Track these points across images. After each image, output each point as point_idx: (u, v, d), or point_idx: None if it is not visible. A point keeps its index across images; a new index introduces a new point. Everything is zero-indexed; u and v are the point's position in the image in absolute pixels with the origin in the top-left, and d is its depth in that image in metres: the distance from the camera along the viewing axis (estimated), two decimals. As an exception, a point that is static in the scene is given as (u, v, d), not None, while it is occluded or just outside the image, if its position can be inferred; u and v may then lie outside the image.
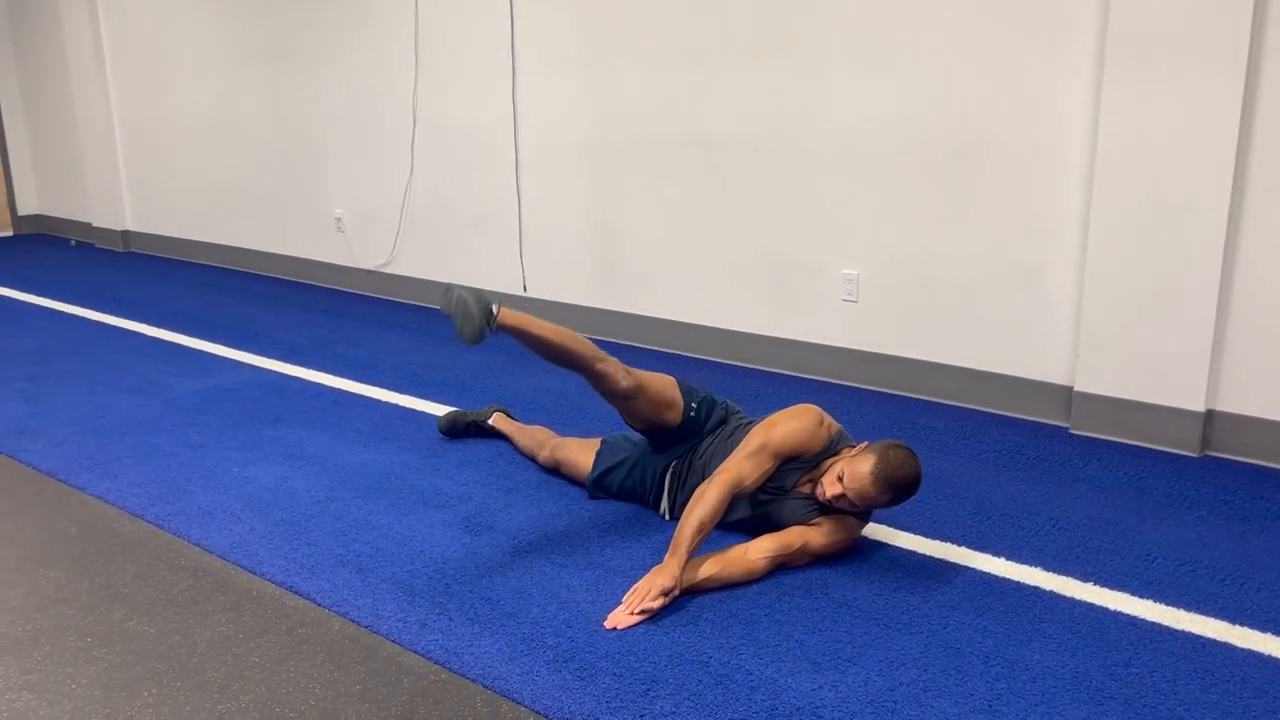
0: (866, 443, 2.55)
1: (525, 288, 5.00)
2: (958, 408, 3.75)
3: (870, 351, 3.95)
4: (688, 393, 2.82)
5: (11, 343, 4.79)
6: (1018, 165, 3.50)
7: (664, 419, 2.79)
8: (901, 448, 2.48)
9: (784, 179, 4.04)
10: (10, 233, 8.07)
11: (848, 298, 3.96)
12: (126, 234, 7.30)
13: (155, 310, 5.43)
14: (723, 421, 2.84)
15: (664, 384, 2.80)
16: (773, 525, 2.63)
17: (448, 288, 2.58)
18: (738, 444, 2.62)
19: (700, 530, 2.41)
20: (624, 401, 2.75)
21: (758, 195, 4.13)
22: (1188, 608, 2.37)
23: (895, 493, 2.46)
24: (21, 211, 8.08)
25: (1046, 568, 2.57)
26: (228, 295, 5.81)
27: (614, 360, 2.74)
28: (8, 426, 3.65)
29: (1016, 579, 2.52)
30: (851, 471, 2.45)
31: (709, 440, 2.79)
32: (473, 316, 2.51)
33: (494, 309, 2.58)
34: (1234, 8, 2.95)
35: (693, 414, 2.80)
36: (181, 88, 6.57)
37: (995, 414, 3.67)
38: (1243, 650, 2.20)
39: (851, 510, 2.53)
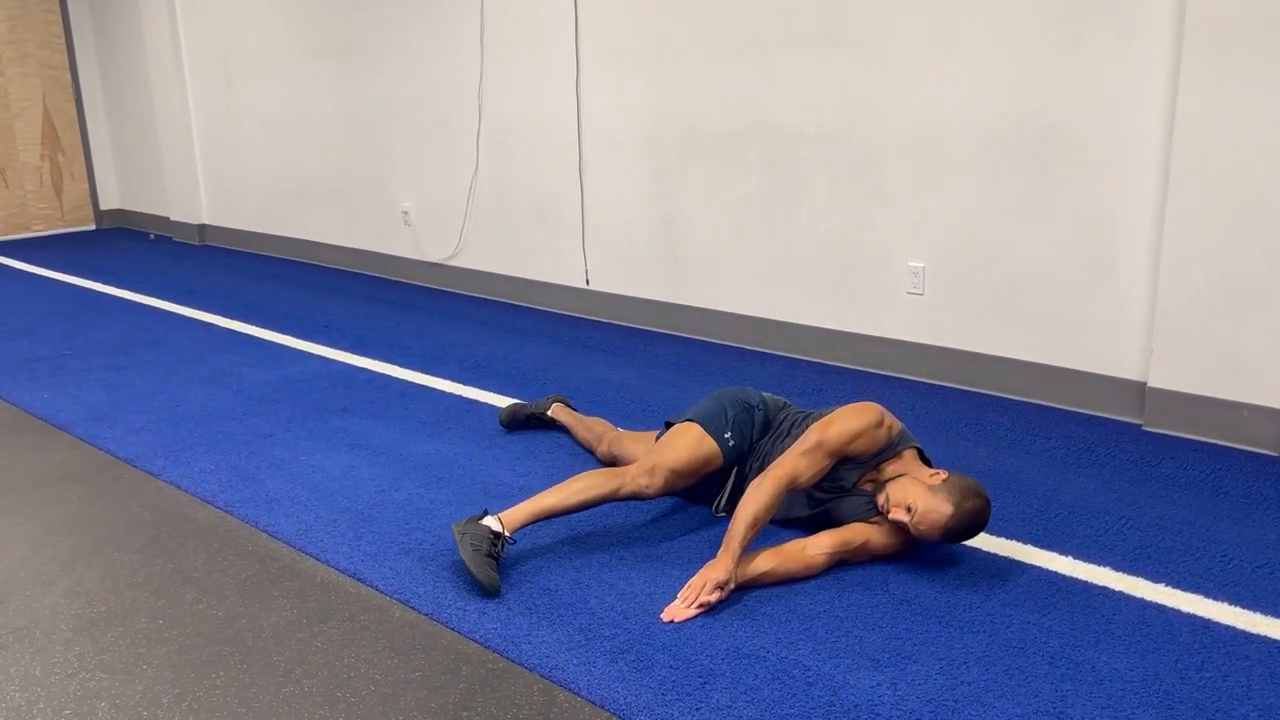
0: (945, 474, 2.45)
1: (588, 281, 5.02)
2: (1026, 403, 3.67)
3: (937, 345, 3.89)
4: (717, 429, 2.69)
5: (95, 334, 4.95)
6: (1089, 156, 3.41)
7: (709, 471, 2.71)
8: (978, 498, 2.41)
9: (849, 171, 4.00)
10: (93, 226, 8.34)
11: (914, 290, 3.90)
12: (203, 228, 7.49)
13: (229, 302, 5.57)
14: (767, 423, 2.77)
15: (691, 445, 2.65)
16: (832, 523, 2.60)
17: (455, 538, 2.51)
18: (796, 439, 2.59)
19: (754, 525, 2.39)
20: (667, 495, 2.70)
21: (822, 187, 4.09)
22: (1264, 611, 2.29)
23: (954, 540, 2.45)
24: (104, 206, 8.34)
25: (1116, 567, 2.50)
26: (298, 288, 5.93)
27: (630, 472, 2.60)
28: (89, 414, 3.77)
29: (1084, 578, 2.46)
30: (924, 512, 2.39)
31: (766, 439, 2.76)
32: (477, 580, 2.41)
33: (498, 535, 2.47)
34: (1321, -11, 2.84)
35: (731, 445, 2.70)
36: (255, 85, 6.72)
37: (1065, 410, 3.59)
38: (1323, 656, 2.12)
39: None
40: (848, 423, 2.51)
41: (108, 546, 2.75)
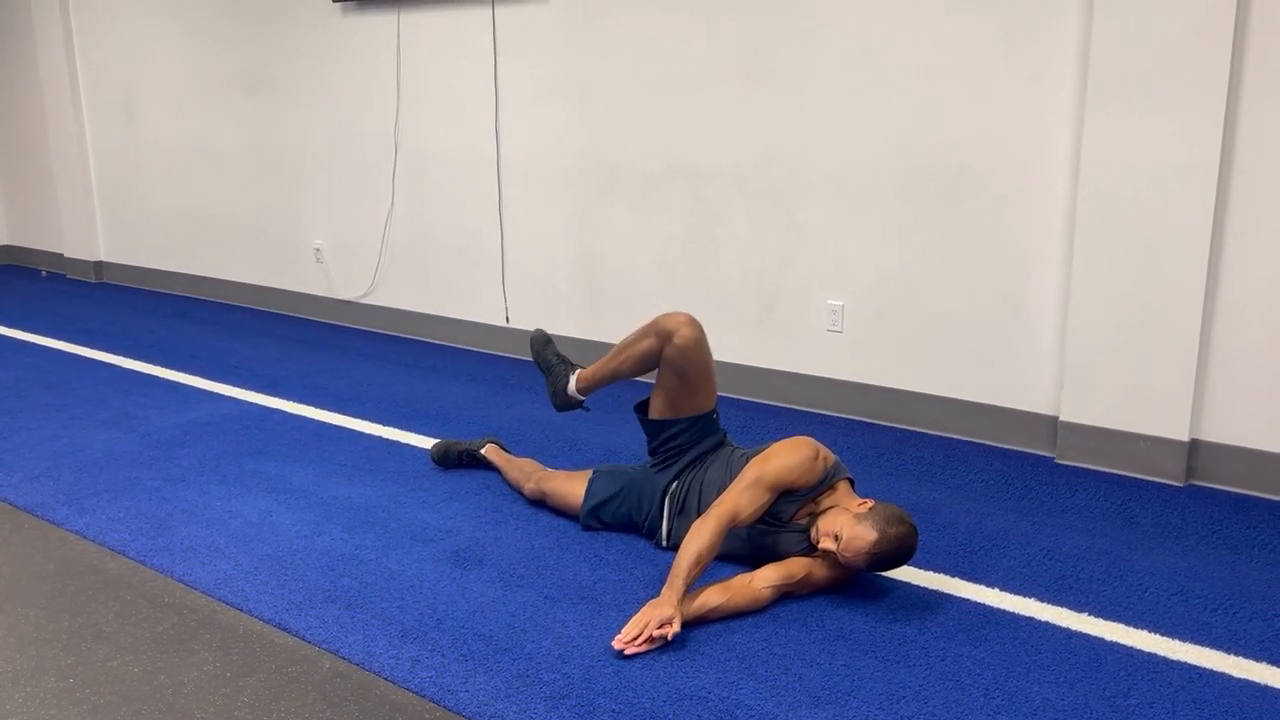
0: (872, 503, 2.51)
1: (508, 319, 4.98)
2: (944, 438, 3.76)
3: (855, 382, 3.97)
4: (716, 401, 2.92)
5: (-17, 375, 4.71)
6: (1001, 196, 3.54)
7: (704, 389, 2.82)
8: (903, 524, 2.46)
9: (768, 210, 4.07)
10: (-21, 263, 7.96)
11: (832, 328, 3.98)
12: (99, 265, 7.22)
13: (131, 342, 5.36)
14: (718, 446, 2.85)
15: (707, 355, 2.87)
16: (772, 556, 2.62)
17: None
18: (735, 475, 2.61)
19: (698, 562, 2.39)
20: (690, 334, 2.72)
21: (742, 226, 4.15)
22: (1182, 638, 2.38)
23: (882, 568, 2.49)
24: (-9, 242, 7.97)
25: (1040, 598, 2.57)
26: (204, 327, 5.75)
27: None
28: (-19, 461, 3.58)
29: (1011, 609, 2.52)
30: (849, 539, 2.44)
31: (704, 468, 2.79)
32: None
33: (570, 383, 3.03)
34: (1213, 42, 3.01)
35: (714, 417, 2.87)
36: (158, 118, 6.53)
37: (981, 444, 3.69)
38: (1239, 680, 2.21)
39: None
40: (784, 457, 2.55)
41: (9, 602, 2.60)
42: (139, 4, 6.42)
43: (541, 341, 3.14)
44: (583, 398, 3.04)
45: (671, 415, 2.86)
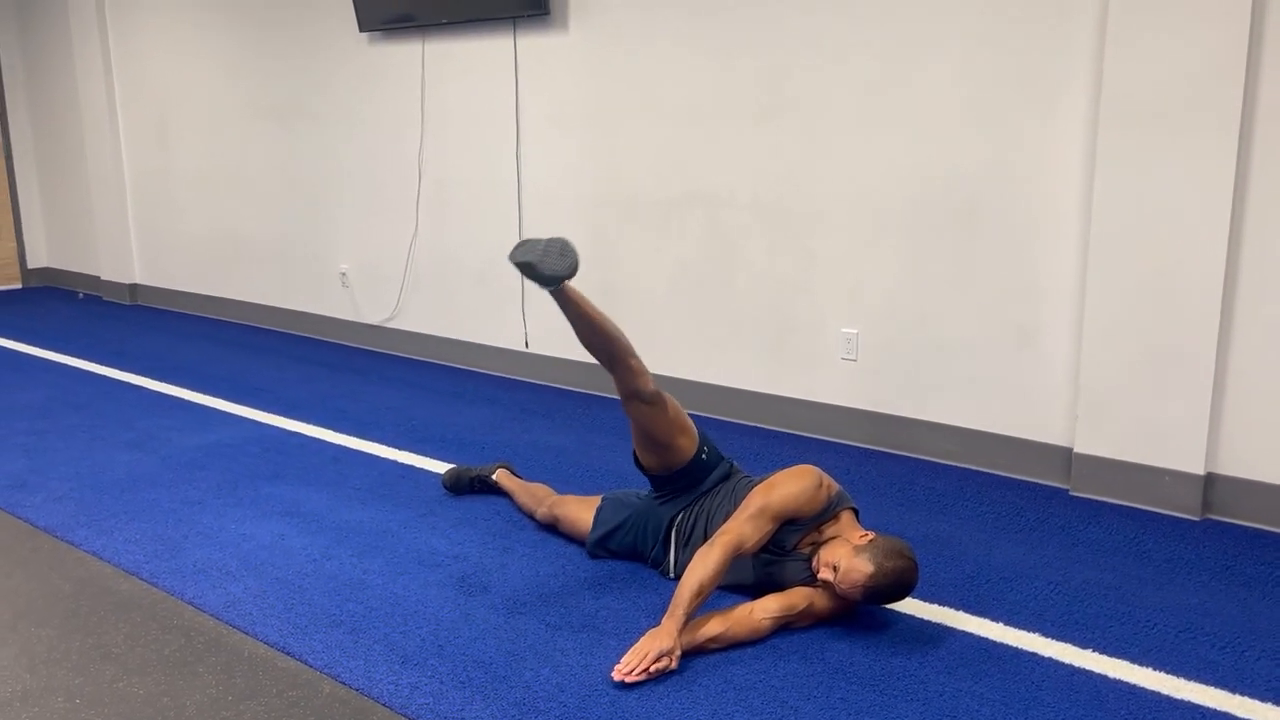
0: (873, 535, 2.50)
1: (527, 344, 5.02)
2: (958, 468, 3.73)
3: (870, 410, 3.95)
4: (702, 436, 2.87)
5: (15, 396, 4.81)
6: (1015, 226, 3.53)
7: (677, 445, 2.80)
8: (901, 558, 2.44)
9: (784, 238, 4.08)
10: (19, 285, 8.15)
11: (847, 356, 3.97)
12: (134, 287, 7.37)
13: (159, 364, 5.46)
14: (725, 477, 2.85)
15: (684, 413, 2.86)
16: (774, 586, 2.62)
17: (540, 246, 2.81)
18: (739, 505, 2.62)
19: (700, 593, 2.40)
20: (646, 408, 2.74)
21: (758, 254, 4.16)
22: (1188, 676, 2.34)
23: (880, 601, 2.49)
24: (31, 265, 8.17)
25: (1045, 633, 2.54)
26: (232, 349, 5.84)
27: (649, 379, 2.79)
28: (7, 481, 3.65)
29: (1014, 644, 2.49)
30: (845, 571, 2.44)
31: (711, 498, 2.79)
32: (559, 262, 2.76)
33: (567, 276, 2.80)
34: (1227, 72, 3.00)
35: (704, 457, 2.83)
36: (192, 143, 6.67)
37: (995, 475, 3.66)
38: (1243, 721, 2.17)
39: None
40: (788, 486, 2.55)
41: (24, 622, 2.66)
42: (176, 34, 6.58)
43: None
44: None
45: (659, 468, 2.86)
